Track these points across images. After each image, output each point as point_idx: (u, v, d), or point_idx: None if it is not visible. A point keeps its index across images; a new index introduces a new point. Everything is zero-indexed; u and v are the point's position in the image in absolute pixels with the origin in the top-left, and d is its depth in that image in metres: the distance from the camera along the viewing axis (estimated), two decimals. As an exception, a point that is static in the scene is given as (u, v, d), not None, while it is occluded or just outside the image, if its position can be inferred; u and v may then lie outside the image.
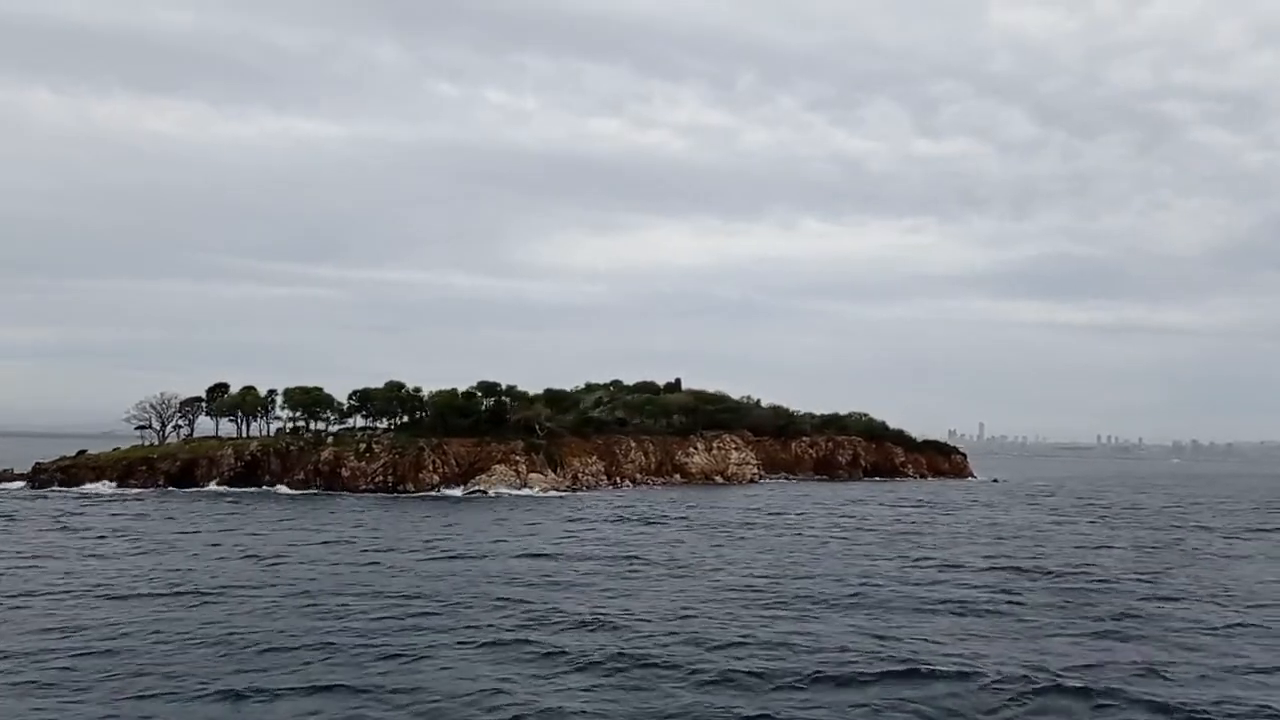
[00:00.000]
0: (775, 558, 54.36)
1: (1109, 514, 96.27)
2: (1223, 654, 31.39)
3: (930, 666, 28.15)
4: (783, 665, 28.43)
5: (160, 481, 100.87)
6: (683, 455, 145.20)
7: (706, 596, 40.52)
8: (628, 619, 34.82)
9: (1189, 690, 26.95)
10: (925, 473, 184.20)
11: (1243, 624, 36.97)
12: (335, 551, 53.55)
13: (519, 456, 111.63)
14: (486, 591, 40.67)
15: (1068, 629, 35.27)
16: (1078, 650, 31.61)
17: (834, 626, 34.52)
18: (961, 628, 35.40)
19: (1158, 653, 31.34)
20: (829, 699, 25.42)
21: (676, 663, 28.40)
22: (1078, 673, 28.02)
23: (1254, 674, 29.01)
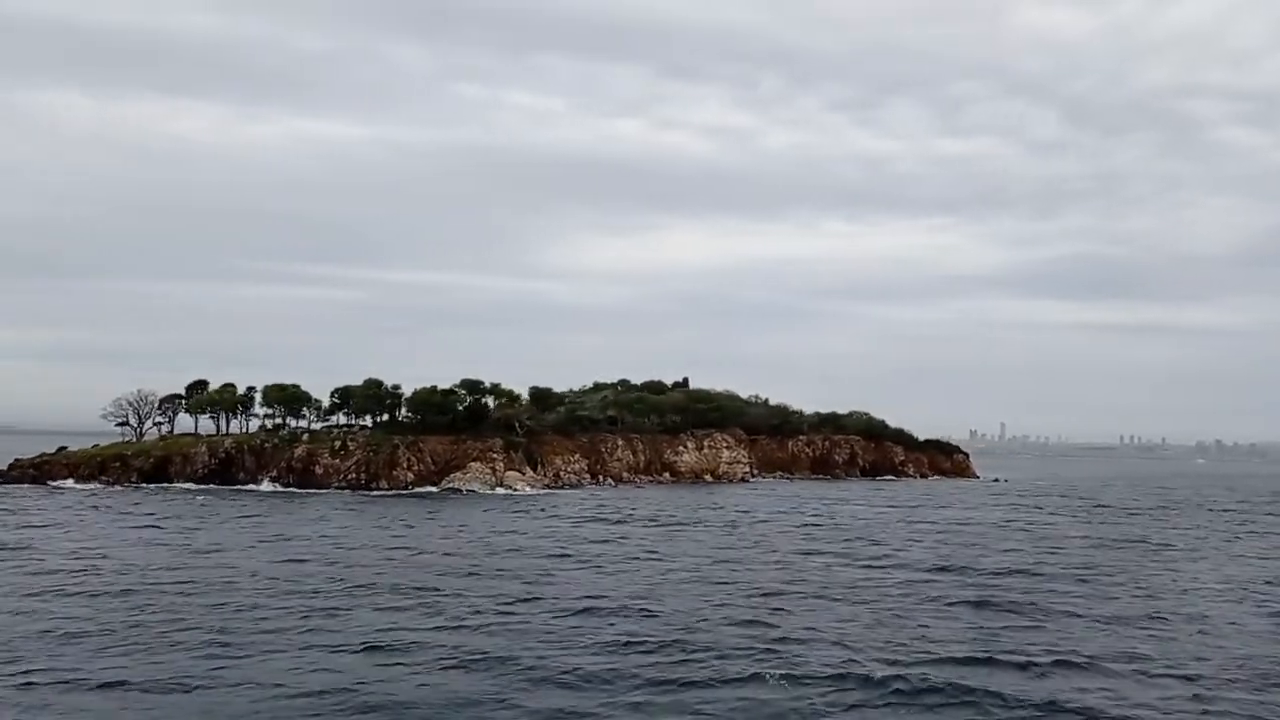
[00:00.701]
0: (705, 553, 53.41)
1: (1092, 514, 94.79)
2: (1091, 647, 30.06)
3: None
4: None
5: (134, 478, 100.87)
6: (672, 454, 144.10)
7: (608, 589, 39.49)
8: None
9: (1012, 682, 26.18)
10: (926, 472, 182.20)
11: (1149, 617, 35.93)
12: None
13: (497, 454, 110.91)
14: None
15: (944, 622, 34.30)
16: (936, 641, 30.61)
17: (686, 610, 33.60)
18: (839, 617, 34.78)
19: (1019, 646, 30.31)
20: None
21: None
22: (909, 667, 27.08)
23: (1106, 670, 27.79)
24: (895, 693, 25.10)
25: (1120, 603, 39.87)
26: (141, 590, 38.84)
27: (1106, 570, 49.95)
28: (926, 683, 25.89)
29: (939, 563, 51.50)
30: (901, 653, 29.54)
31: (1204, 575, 48.78)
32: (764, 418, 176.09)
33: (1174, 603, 40.03)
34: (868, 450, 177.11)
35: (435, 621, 33.30)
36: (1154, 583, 45.70)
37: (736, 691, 25.09)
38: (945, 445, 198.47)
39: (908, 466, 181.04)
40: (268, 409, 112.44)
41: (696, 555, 53.44)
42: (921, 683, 25.90)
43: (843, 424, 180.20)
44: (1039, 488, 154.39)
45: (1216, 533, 74.48)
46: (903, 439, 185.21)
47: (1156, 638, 32.82)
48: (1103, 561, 53.78)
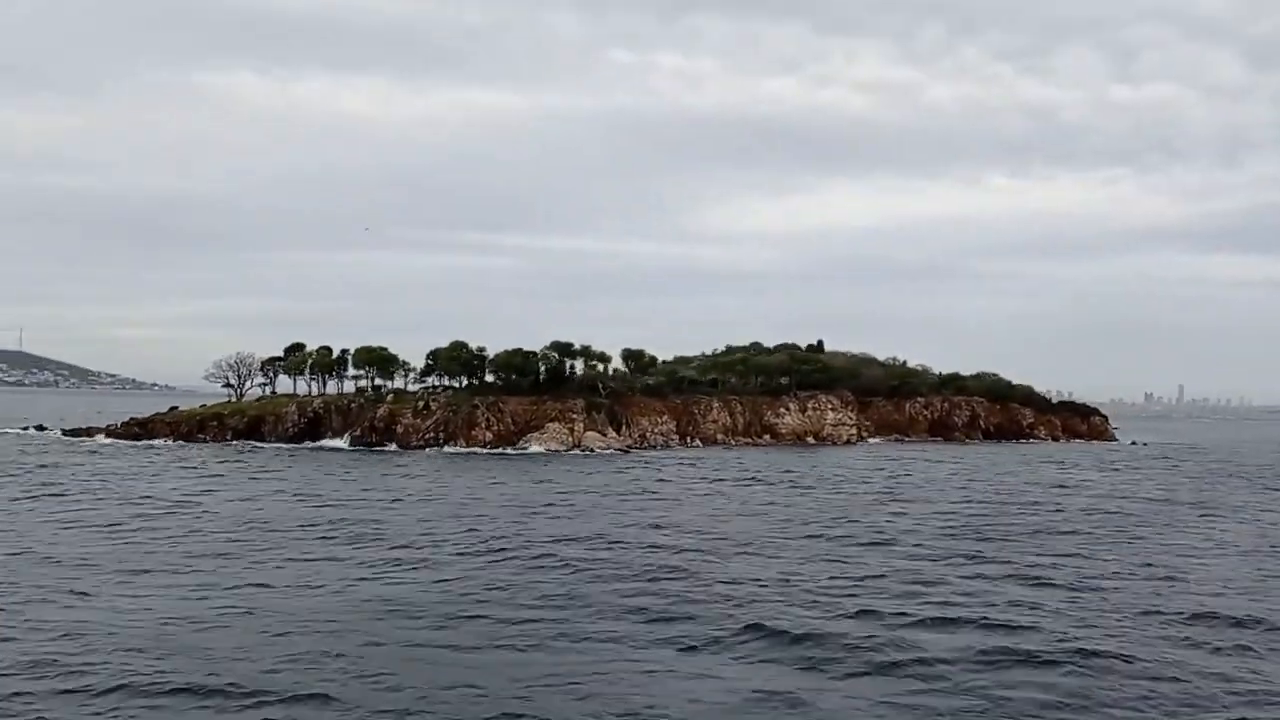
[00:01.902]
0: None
1: (1190, 477, 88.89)
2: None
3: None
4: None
5: (228, 437, 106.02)
6: (773, 416, 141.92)
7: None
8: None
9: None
10: (1059, 435, 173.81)
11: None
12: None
13: (576, 415, 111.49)
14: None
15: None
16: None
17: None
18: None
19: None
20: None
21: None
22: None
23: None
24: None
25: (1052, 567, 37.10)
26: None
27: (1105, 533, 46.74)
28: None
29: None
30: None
31: (1199, 544, 44.75)
32: (881, 379, 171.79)
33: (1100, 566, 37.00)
34: (992, 413, 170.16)
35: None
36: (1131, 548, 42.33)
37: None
38: (1081, 407, 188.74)
39: (1038, 429, 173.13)
40: (357, 370, 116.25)
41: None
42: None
43: (964, 385, 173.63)
44: (1173, 450, 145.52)
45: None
46: (1033, 401, 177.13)
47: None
48: (1112, 524, 50.39)
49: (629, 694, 21.30)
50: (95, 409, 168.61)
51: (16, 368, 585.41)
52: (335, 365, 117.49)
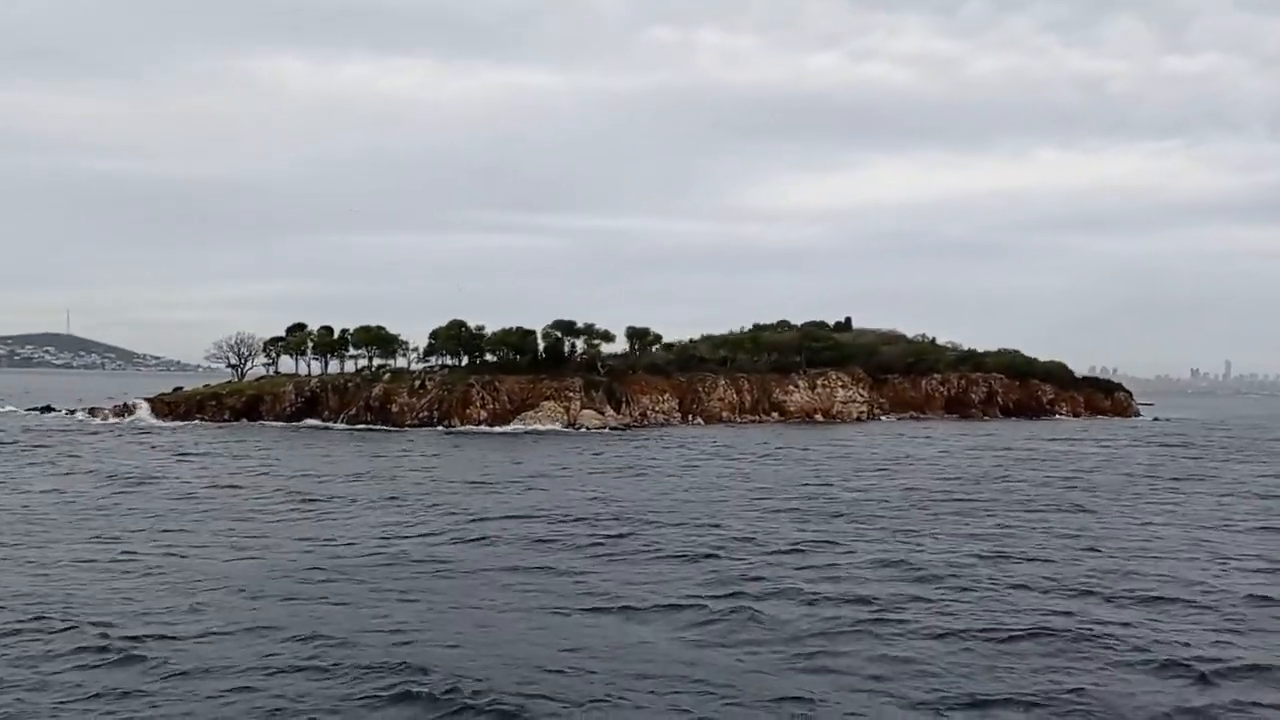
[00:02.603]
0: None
1: (1191, 449, 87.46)
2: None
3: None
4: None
5: (226, 416, 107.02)
6: (781, 393, 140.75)
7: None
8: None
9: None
10: (1081, 411, 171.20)
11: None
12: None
13: (573, 393, 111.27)
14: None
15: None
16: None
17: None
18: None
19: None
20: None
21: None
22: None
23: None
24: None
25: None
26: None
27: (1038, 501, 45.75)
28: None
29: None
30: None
31: (1117, 521, 43.47)
32: (898, 356, 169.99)
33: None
34: (1011, 389, 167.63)
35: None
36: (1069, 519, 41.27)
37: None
38: (1105, 383, 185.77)
39: (1060, 405, 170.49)
40: (356, 350, 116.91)
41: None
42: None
43: (982, 362, 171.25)
44: (1193, 425, 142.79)
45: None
46: (1054, 377, 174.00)
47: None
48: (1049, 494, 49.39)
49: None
50: (123, 390, 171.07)
51: (65, 350, 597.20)
52: (336, 345, 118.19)
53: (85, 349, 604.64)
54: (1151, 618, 24.95)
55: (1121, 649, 22.06)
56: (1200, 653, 21.81)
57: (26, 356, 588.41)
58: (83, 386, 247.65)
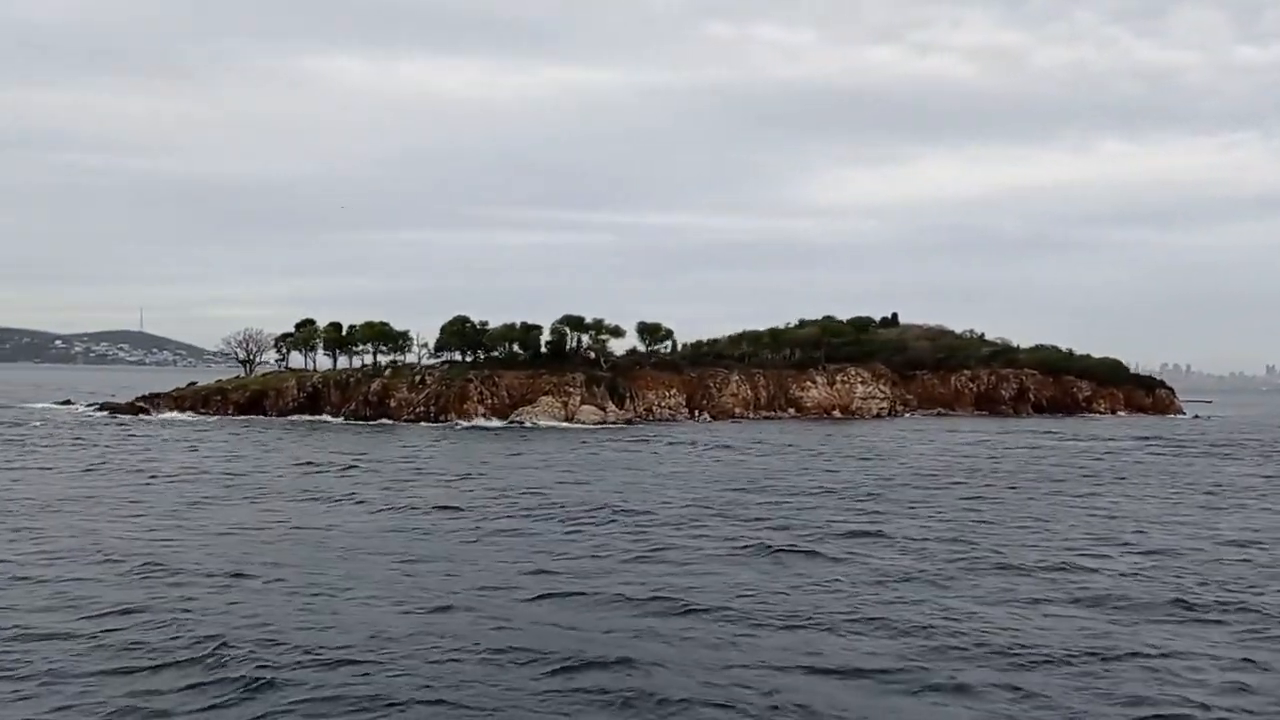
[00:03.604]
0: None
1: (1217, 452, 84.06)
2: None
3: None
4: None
5: (230, 410, 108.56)
6: (798, 389, 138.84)
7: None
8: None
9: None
10: (1121, 409, 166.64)
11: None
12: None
13: (573, 388, 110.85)
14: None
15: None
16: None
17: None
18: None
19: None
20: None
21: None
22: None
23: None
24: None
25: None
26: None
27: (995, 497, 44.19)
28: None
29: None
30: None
31: (1069, 530, 41.73)
32: (927, 352, 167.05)
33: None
34: (1044, 385, 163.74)
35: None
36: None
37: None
38: (1147, 380, 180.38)
39: (1098, 403, 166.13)
40: (358, 346, 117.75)
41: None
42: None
43: (1014, 358, 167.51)
44: (1230, 424, 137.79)
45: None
46: (1091, 373, 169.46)
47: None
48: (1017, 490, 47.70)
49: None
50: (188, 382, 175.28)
51: (138, 347, 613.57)
52: (345, 341, 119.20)
53: (157, 345, 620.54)
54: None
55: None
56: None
57: (101, 354, 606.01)
58: (143, 382, 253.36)
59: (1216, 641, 22.23)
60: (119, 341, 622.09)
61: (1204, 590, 27.35)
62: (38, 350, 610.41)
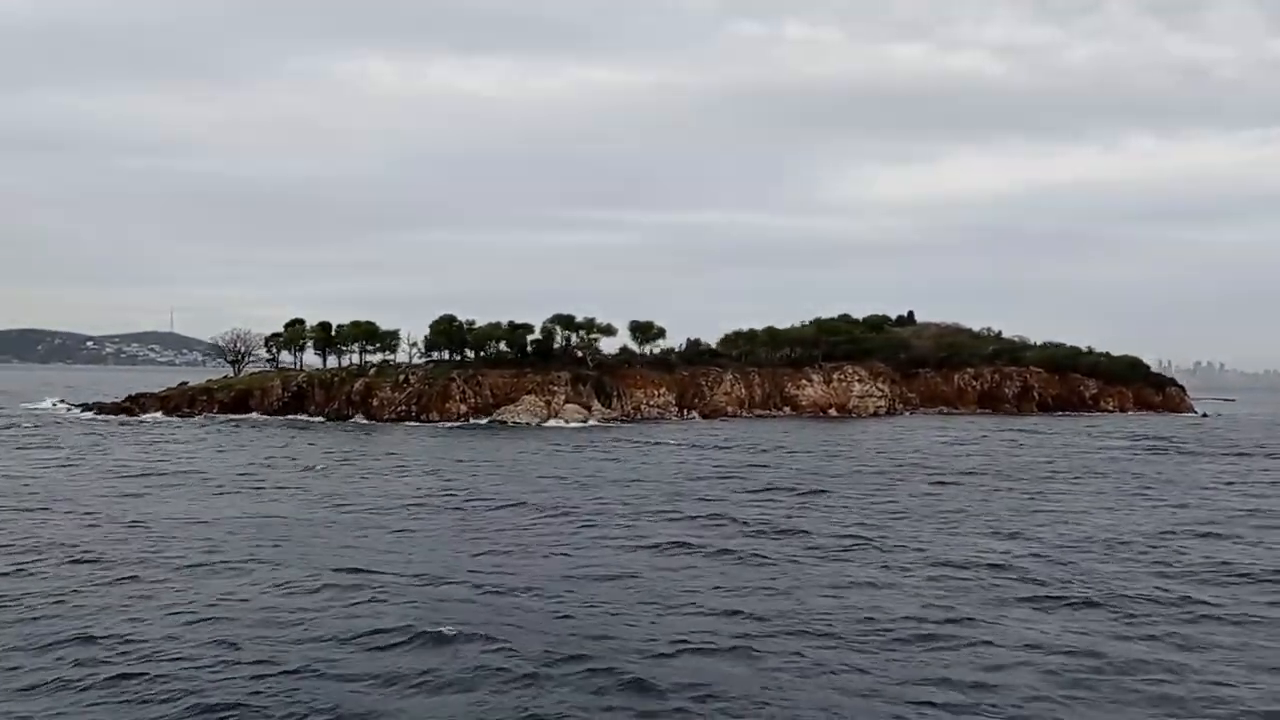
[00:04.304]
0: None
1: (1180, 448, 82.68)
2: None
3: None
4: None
5: (215, 410, 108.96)
6: (794, 388, 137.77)
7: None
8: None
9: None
10: (1130, 407, 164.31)
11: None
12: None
13: (558, 387, 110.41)
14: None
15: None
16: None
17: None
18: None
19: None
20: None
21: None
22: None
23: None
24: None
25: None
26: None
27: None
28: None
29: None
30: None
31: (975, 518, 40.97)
32: (930, 350, 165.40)
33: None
34: (1050, 383, 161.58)
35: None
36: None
37: None
38: (1156, 378, 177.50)
39: (1106, 401, 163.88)
40: (347, 345, 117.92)
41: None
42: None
43: (1018, 356, 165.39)
44: (1236, 423, 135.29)
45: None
46: (1099, 371, 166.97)
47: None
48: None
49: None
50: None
51: (169, 348, 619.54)
52: (333, 340, 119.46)
53: (187, 346, 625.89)
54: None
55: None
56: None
57: (132, 354, 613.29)
58: (164, 382, 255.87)
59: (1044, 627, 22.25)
60: (150, 343, 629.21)
61: (1057, 582, 27.03)
62: (70, 351, 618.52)
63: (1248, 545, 34.53)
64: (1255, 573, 29.52)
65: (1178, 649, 21.59)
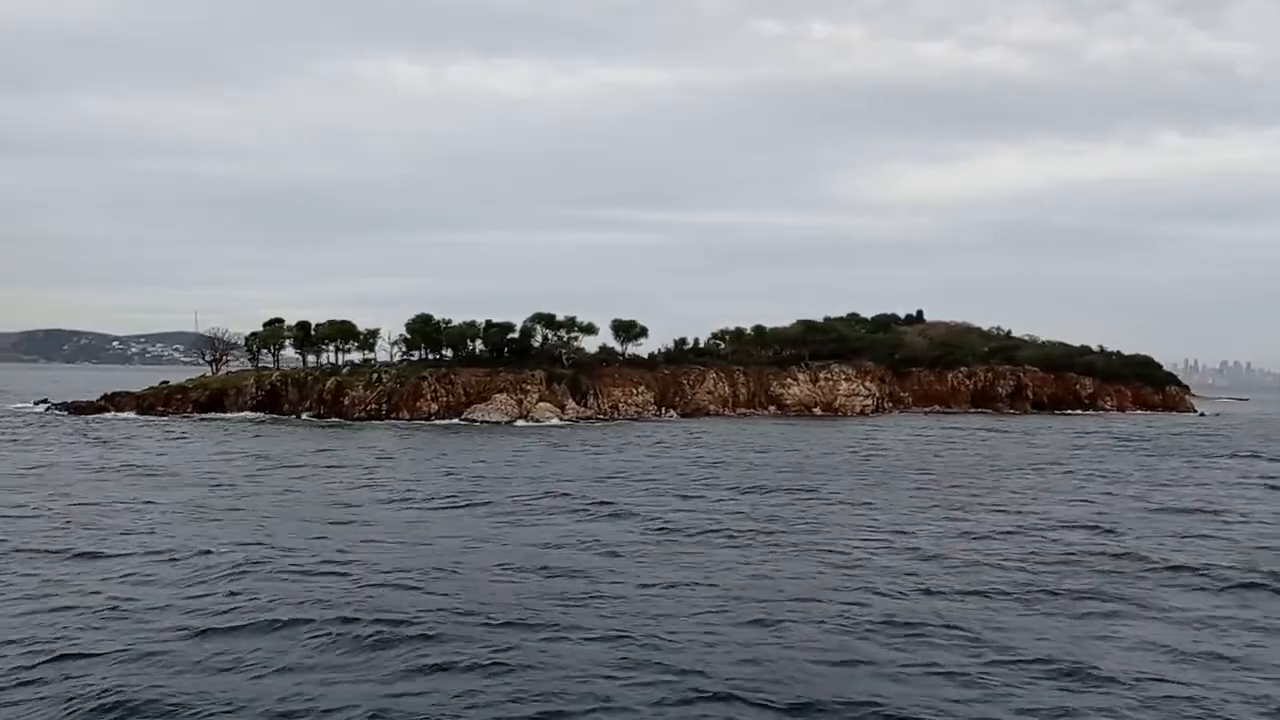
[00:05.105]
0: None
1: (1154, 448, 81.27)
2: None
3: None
4: None
5: (189, 410, 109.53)
6: (779, 387, 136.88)
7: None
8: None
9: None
10: (1128, 406, 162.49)
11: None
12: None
13: (531, 386, 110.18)
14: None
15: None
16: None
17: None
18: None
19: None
20: None
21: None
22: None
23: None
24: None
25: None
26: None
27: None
28: None
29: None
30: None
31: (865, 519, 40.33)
32: (924, 349, 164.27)
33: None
34: (1045, 382, 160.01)
35: None
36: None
37: None
38: (1155, 376, 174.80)
39: (1103, 399, 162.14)
40: (327, 344, 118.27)
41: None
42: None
43: (1013, 354, 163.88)
44: (1234, 422, 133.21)
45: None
46: (1095, 370, 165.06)
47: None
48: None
49: None
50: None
51: (192, 348, 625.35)
52: (312, 340, 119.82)
53: (211, 346, 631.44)
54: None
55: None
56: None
57: (157, 354, 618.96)
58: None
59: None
60: (174, 342, 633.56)
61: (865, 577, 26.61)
62: (96, 351, 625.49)
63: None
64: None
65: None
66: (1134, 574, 28.41)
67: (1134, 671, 19.39)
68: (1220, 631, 22.56)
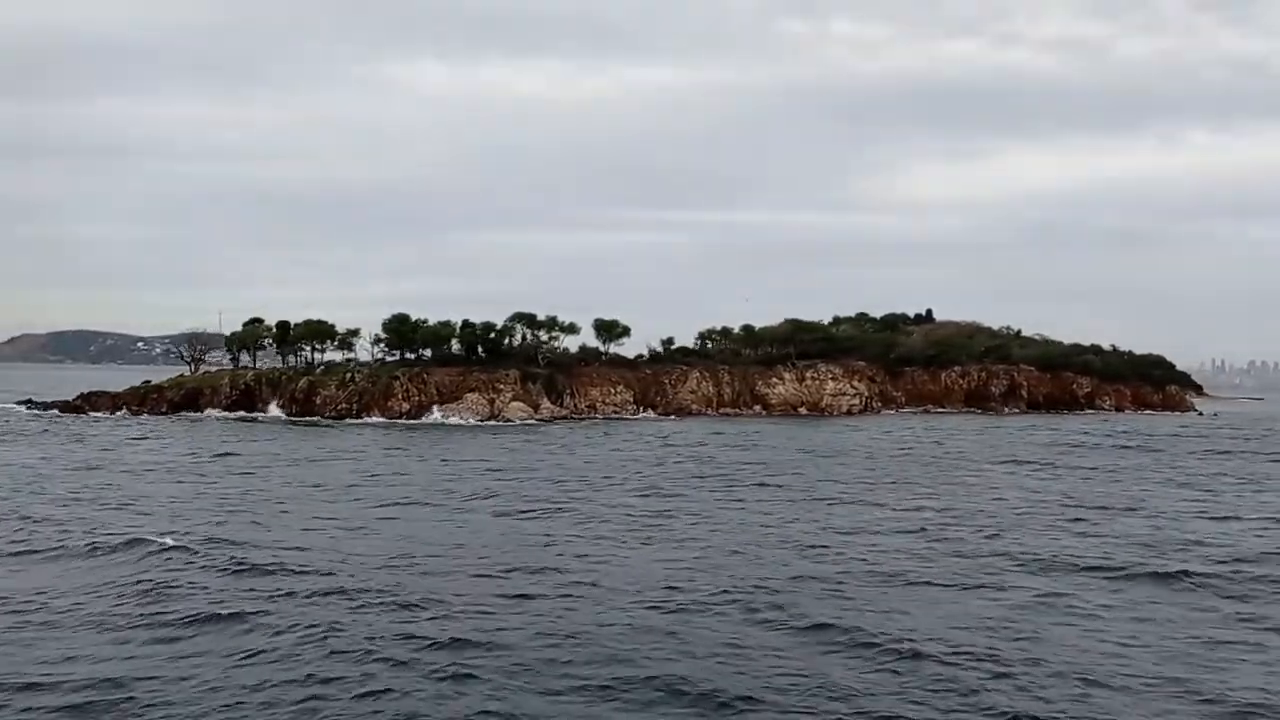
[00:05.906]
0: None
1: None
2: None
3: None
4: None
5: (164, 409, 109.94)
6: (764, 386, 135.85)
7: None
8: None
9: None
10: (1127, 405, 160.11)
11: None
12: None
13: (505, 385, 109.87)
14: None
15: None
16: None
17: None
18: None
19: None
20: None
21: None
22: None
23: None
24: None
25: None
26: None
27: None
28: None
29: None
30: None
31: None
32: (919, 348, 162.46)
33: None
34: (1040, 381, 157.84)
35: None
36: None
37: None
38: (1156, 376, 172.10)
39: (1102, 399, 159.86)
40: (302, 345, 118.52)
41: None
42: None
43: (1008, 353, 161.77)
44: (1231, 421, 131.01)
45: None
46: (1093, 369, 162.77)
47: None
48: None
49: None
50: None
51: (216, 349, 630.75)
52: (291, 339, 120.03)
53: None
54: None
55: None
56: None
57: (180, 355, 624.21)
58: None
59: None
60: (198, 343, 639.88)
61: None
62: (121, 352, 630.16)
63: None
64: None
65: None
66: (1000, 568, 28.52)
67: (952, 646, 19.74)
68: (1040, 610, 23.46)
